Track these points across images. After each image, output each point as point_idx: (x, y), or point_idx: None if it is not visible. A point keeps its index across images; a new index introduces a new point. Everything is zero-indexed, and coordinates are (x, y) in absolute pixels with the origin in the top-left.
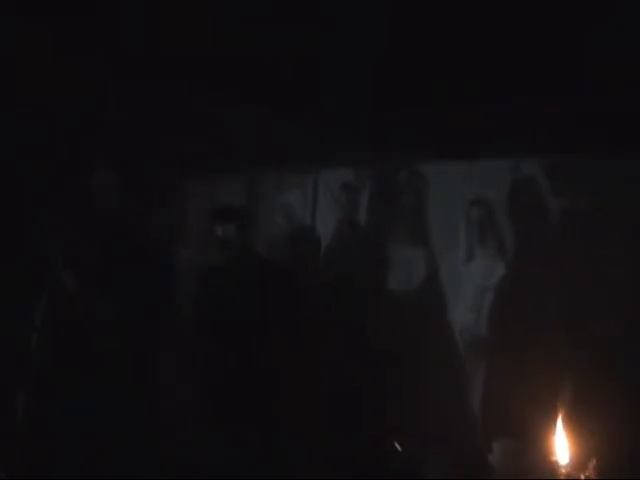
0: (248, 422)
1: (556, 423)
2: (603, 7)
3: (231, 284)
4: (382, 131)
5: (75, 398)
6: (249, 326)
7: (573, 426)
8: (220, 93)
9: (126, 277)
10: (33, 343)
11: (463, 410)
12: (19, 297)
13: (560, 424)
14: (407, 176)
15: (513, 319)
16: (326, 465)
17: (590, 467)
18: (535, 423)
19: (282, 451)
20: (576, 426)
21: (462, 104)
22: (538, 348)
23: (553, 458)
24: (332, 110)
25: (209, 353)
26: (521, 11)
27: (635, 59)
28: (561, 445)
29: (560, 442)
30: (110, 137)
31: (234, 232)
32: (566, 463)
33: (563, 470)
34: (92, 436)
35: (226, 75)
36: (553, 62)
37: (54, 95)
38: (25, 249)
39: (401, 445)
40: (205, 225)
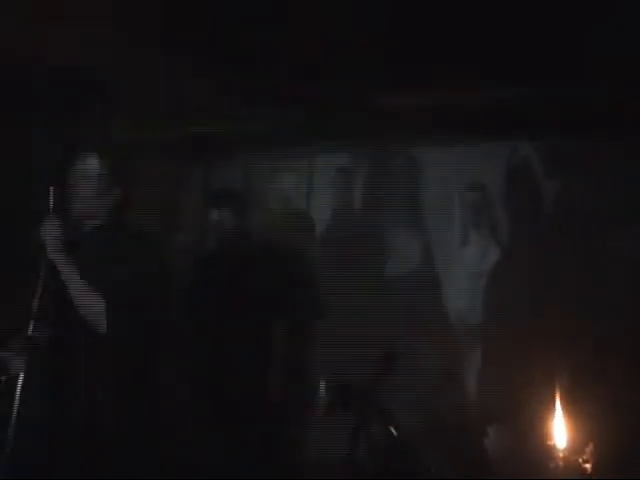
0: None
1: (553, 407)
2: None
3: (226, 268)
4: (377, 115)
5: (74, 397)
6: (245, 311)
7: (571, 410)
8: (215, 78)
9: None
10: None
11: (458, 395)
12: (13, 286)
13: (558, 408)
14: (402, 160)
15: (508, 303)
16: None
17: (587, 451)
18: (532, 407)
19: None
20: (574, 410)
21: (458, 89)
22: (533, 332)
23: (550, 442)
24: (327, 94)
25: (204, 339)
26: None
27: (632, 42)
28: (559, 429)
29: (558, 426)
30: (101, 123)
31: (230, 216)
32: (564, 447)
33: (561, 454)
34: (92, 436)
35: (220, 60)
36: (549, 46)
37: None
38: (18, 236)
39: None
40: (200, 209)
